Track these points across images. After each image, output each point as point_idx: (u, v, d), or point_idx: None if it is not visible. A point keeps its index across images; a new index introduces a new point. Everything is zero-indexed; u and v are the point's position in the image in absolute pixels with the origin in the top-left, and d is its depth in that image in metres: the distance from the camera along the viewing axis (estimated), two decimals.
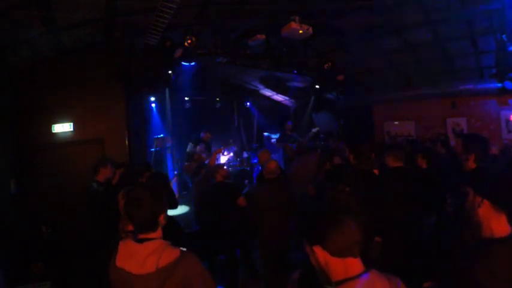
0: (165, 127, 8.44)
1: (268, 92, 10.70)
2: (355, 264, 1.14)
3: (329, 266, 1.13)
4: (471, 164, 2.30)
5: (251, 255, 4.26)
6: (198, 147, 7.35)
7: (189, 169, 7.32)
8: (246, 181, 7.98)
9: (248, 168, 8.26)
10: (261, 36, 5.13)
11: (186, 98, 9.23)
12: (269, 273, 3.67)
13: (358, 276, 1.12)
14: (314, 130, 8.05)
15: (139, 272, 1.39)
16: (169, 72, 5.57)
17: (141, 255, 1.41)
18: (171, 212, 2.18)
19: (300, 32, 4.72)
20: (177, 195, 7.90)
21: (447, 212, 2.43)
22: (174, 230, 2.42)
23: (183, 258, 1.44)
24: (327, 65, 6.77)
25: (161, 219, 1.53)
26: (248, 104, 10.88)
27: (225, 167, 4.65)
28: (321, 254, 1.14)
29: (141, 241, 1.46)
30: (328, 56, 6.84)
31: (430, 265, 2.16)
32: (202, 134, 7.64)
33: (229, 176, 5.34)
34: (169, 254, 1.43)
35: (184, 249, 1.60)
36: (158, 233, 1.52)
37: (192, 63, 6.39)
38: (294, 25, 4.66)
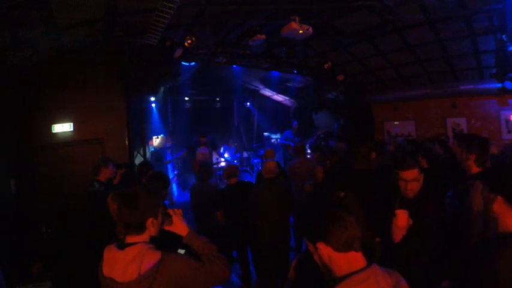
0: (165, 127, 8.45)
1: (268, 92, 10.69)
2: (358, 259, 1.17)
3: (333, 261, 1.16)
4: (471, 165, 2.31)
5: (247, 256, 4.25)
6: (199, 149, 7.39)
7: (196, 167, 7.34)
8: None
9: (248, 168, 8.27)
10: (261, 36, 5.11)
11: (186, 98, 9.24)
12: (268, 272, 3.68)
13: (362, 269, 1.14)
14: (318, 133, 8.07)
15: (122, 280, 1.36)
16: (169, 72, 5.57)
17: (122, 263, 1.38)
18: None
19: (300, 32, 4.71)
20: (177, 195, 7.98)
21: (446, 212, 2.43)
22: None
23: (164, 260, 1.39)
24: (327, 65, 6.77)
25: (149, 223, 1.47)
26: (248, 104, 10.88)
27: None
28: (324, 251, 1.17)
29: (122, 247, 1.42)
30: (328, 56, 6.85)
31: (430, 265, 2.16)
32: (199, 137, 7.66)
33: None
34: (150, 258, 1.38)
35: (183, 250, 1.59)
36: (144, 236, 1.47)
37: (192, 63, 6.38)
38: (294, 25, 4.65)
